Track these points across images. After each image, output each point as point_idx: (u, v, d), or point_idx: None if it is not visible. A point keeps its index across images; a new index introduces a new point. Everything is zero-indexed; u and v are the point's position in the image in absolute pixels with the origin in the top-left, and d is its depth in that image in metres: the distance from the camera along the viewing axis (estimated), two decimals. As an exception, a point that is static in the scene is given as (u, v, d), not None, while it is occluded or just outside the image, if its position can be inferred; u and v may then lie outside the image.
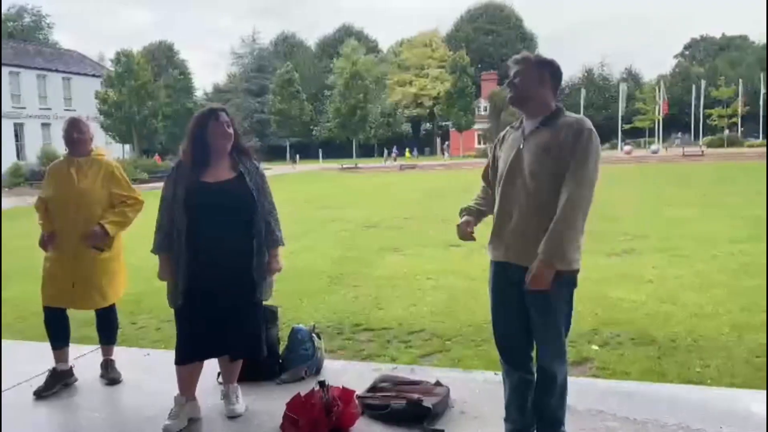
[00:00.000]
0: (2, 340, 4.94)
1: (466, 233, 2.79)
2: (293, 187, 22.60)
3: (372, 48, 73.90)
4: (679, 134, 50.63)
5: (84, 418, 3.50)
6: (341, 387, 3.13)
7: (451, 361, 4.27)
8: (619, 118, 49.81)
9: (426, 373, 3.74)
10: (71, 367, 3.88)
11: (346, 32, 73.40)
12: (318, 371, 3.83)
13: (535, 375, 2.72)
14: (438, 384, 3.40)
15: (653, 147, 44.94)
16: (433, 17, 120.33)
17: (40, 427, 3.41)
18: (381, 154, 59.97)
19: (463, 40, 67.18)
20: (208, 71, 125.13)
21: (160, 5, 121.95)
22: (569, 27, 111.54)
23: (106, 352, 3.97)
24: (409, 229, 11.56)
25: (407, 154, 57.86)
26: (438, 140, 64.39)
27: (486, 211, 2.86)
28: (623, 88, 52.29)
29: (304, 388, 3.19)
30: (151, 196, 3.87)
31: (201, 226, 3.11)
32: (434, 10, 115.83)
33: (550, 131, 2.56)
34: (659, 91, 49.51)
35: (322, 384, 3.09)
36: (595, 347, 4.45)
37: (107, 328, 3.95)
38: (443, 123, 61.93)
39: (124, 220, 3.77)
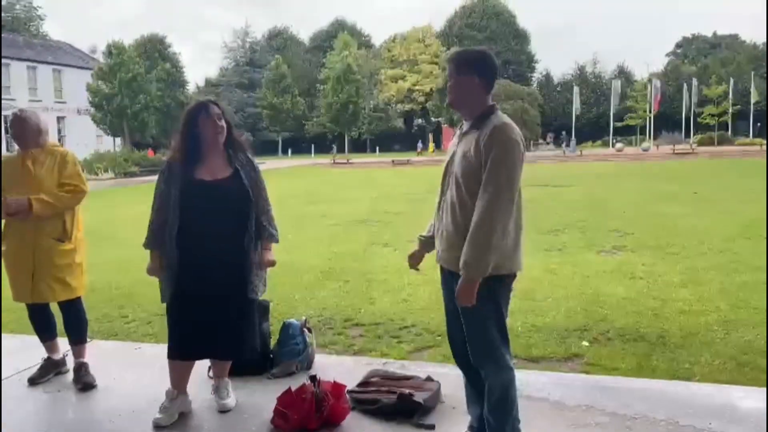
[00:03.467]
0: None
1: (412, 266, 2.92)
2: (284, 182, 22.54)
3: (365, 43, 73.71)
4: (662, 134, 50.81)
5: (74, 411, 3.49)
6: (332, 382, 3.13)
7: (442, 357, 4.27)
8: (611, 115, 49.97)
9: (417, 369, 3.75)
10: (64, 356, 3.88)
11: (339, 26, 73.15)
12: (309, 366, 3.83)
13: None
14: (429, 379, 3.41)
15: (644, 145, 45.16)
16: (427, 13, 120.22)
17: (32, 419, 3.39)
18: (373, 150, 59.92)
19: (456, 35, 67.10)
20: (199, 64, 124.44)
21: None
22: (562, 23, 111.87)
23: (78, 354, 3.80)
24: (400, 224, 11.55)
25: (430, 147, 56.46)
26: (431, 136, 64.34)
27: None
28: (615, 85, 52.44)
29: (295, 383, 3.19)
30: (142, 189, 3.85)
31: (196, 225, 3.08)
32: (428, 6, 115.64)
33: (475, 135, 2.46)
34: (651, 89, 49.71)
35: (313, 378, 3.09)
36: (585, 343, 4.47)
37: (74, 325, 3.80)
38: (435, 119, 61.91)
39: (55, 203, 3.55)
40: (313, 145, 56.82)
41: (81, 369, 3.75)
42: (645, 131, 51.12)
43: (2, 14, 58.05)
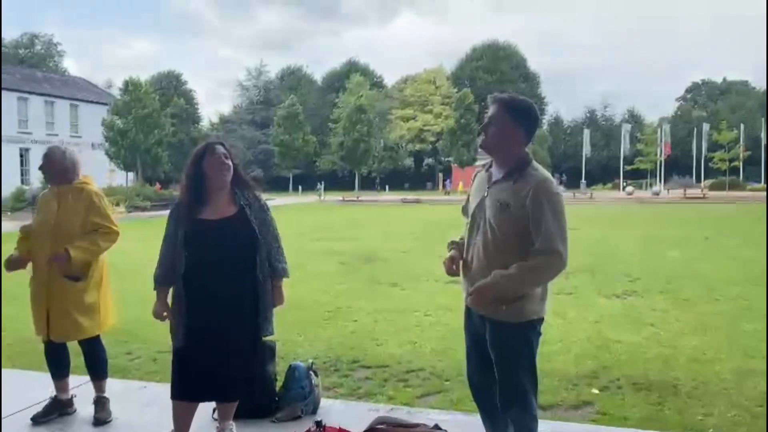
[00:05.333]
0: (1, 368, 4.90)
1: (450, 269, 2.76)
2: (294, 218, 22.61)
3: (377, 83, 74.83)
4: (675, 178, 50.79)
5: (75, 452, 3.44)
6: (338, 428, 3.08)
7: (449, 403, 4.21)
8: (621, 158, 50.12)
9: (424, 416, 3.69)
10: (72, 397, 3.85)
11: (352, 67, 74.44)
12: (315, 410, 3.78)
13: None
14: (437, 428, 3.35)
15: (655, 188, 45.11)
16: (438, 55, 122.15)
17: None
18: (383, 188, 60.15)
19: (466, 77, 68.06)
20: (213, 102, 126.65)
21: (168, 36, 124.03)
22: (572, 67, 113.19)
23: (97, 388, 3.83)
24: (408, 262, 11.52)
25: (460, 186, 56.34)
26: (440, 175, 64.63)
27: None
28: (626, 129, 52.74)
29: (300, 428, 3.15)
30: (151, 224, 3.88)
31: (202, 265, 3.07)
32: (439, 48, 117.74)
33: (512, 185, 2.51)
34: (661, 132, 49.93)
35: (318, 424, 3.05)
36: (595, 390, 4.39)
37: (92, 363, 3.82)
38: (445, 158, 62.29)
39: (92, 248, 3.61)
40: (323, 182, 57.21)
41: (98, 403, 3.77)
42: (655, 175, 51.13)
43: (23, 50, 59.65)
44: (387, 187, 59.91)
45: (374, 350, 5.54)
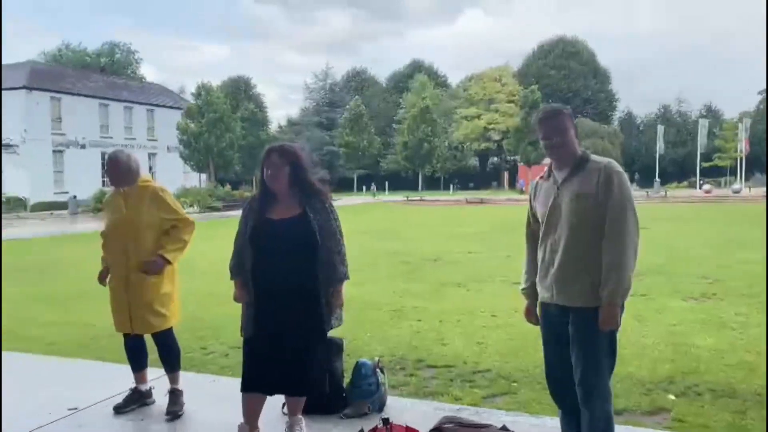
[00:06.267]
0: (83, 360, 5.20)
1: (531, 320, 3.03)
2: (358, 218, 22.82)
3: (441, 83, 74.53)
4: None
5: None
6: (405, 426, 3.09)
7: (517, 404, 4.14)
8: (698, 155, 47.90)
9: (491, 417, 3.65)
10: (150, 389, 4.02)
11: (416, 67, 74.42)
12: (381, 408, 3.80)
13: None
14: (504, 429, 3.30)
15: (735, 186, 42.86)
16: (503, 53, 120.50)
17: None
18: (447, 188, 59.87)
19: (533, 75, 66.76)
20: (282, 105, 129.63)
21: (238, 42, 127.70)
22: (645, 61, 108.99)
23: (172, 381, 3.97)
24: (474, 263, 11.42)
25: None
26: (506, 174, 63.67)
27: (534, 283, 3.01)
28: (703, 124, 50.37)
29: (367, 424, 3.17)
30: (224, 224, 4.00)
31: (265, 262, 3.19)
32: (504, 46, 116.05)
33: (581, 178, 2.73)
34: (742, 128, 47.37)
35: (386, 421, 3.06)
36: (671, 397, 4.22)
37: (166, 355, 3.96)
38: (511, 157, 61.34)
39: (182, 246, 3.85)
40: (387, 182, 57.47)
41: (172, 395, 3.91)
42: (735, 172, 48.57)
43: (104, 59, 62.87)
44: (451, 186, 59.55)
45: (440, 350, 5.52)
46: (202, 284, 8.51)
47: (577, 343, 2.74)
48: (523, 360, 5.15)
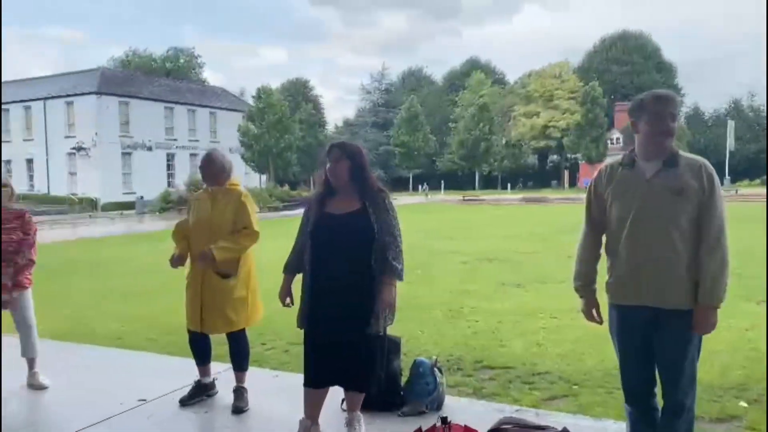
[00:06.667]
0: (150, 354, 5.41)
1: (593, 319, 2.89)
2: (414, 217, 22.79)
3: (498, 80, 73.58)
4: None
5: (217, 433, 3.72)
6: (463, 426, 3.07)
7: (578, 407, 4.05)
8: (772, 151, 45.54)
9: (552, 419, 3.58)
10: (213, 380, 4.15)
11: (473, 65, 73.74)
12: (439, 407, 3.80)
13: (659, 411, 2.76)
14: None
15: (814, 184, 40.49)
16: (563, 49, 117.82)
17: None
18: (504, 187, 59.11)
19: (594, 70, 65.05)
20: (339, 106, 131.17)
21: (296, 44, 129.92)
22: (713, 54, 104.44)
23: (238, 379, 4.07)
24: (533, 264, 11.23)
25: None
26: (566, 173, 62.20)
27: (594, 279, 2.90)
28: (777, 118, 47.85)
29: (425, 423, 3.17)
30: (283, 223, 4.08)
31: (324, 256, 3.26)
32: (564, 42, 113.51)
33: (676, 173, 2.59)
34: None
35: (444, 420, 3.05)
36: (743, 404, 4.03)
37: (236, 355, 4.06)
38: (572, 155, 59.92)
39: (235, 247, 3.84)
40: (443, 182, 57.18)
41: (237, 392, 4.01)
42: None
43: (168, 64, 65.13)
44: (509, 185, 58.70)
45: (498, 351, 5.46)
46: (262, 281, 8.70)
47: (668, 346, 2.65)
48: (584, 363, 5.03)
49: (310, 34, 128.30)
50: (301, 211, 3.57)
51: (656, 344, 2.67)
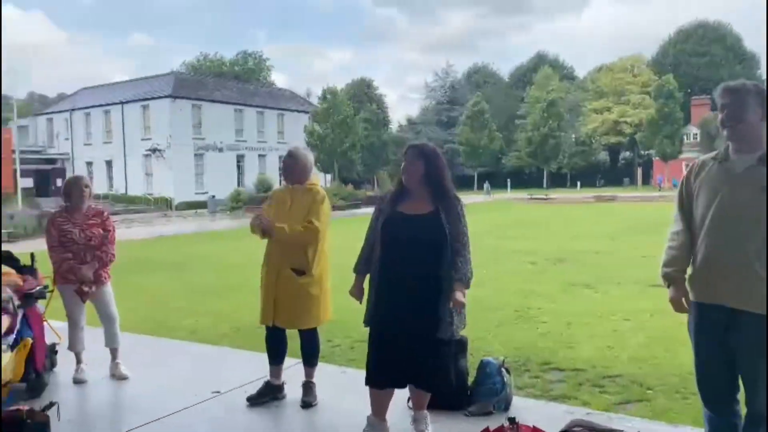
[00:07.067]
0: (223, 348, 5.60)
1: (682, 309, 2.67)
2: (480, 217, 22.57)
3: (567, 75, 71.84)
4: None
5: (283, 428, 3.84)
6: (532, 427, 3.02)
7: (651, 412, 3.91)
8: None
9: (626, 423, 3.47)
10: (282, 384, 4.17)
11: (540, 60, 72.27)
12: (507, 408, 3.75)
13: (742, 418, 2.62)
14: (639, 436, 3.13)
15: None
16: (634, 42, 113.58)
17: (246, 430, 3.76)
18: (574, 185, 57.61)
19: (670, 63, 62.42)
20: (403, 105, 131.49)
21: (361, 45, 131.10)
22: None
23: (307, 374, 4.13)
24: (604, 264, 10.90)
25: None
26: (639, 170, 60.00)
27: (686, 268, 2.71)
28: None
29: (492, 423, 3.13)
30: (347, 222, 4.13)
31: (393, 255, 3.26)
32: (635, 35, 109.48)
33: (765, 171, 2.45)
34: None
35: (512, 420, 3.01)
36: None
37: (307, 351, 4.11)
38: (645, 152, 57.75)
39: (290, 233, 3.83)
40: (509, 180, 56.32)
41: (306, 387, 4.08)
42: None
43: (237, 67, 67.08)
44: (578, 183, 57.19)
45: (567, 353, 5.34)
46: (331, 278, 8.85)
47: (747, 350, 2.51)
48: (658, 366, 4.85)
49: (375, 35, 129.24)
50: (365, 210, 3.60)
51: (735, 347, 2.54)
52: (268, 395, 4.11)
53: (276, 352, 4.13)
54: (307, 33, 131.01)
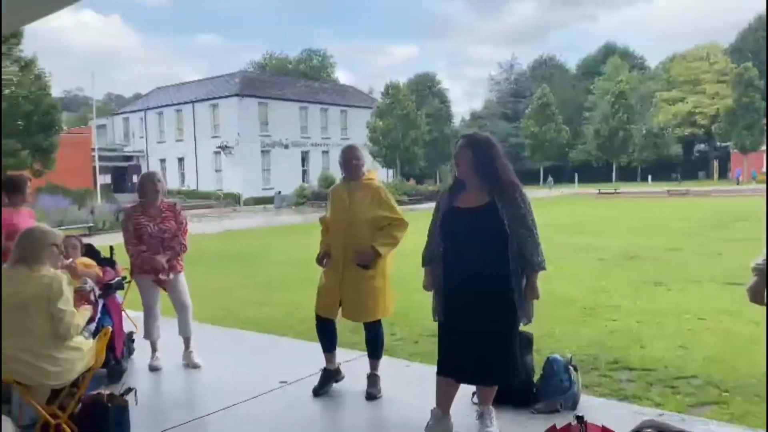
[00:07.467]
0: (289, 339, 5.73)
1: (758, 298, 2.59)
2: (547, 212, 22.10)
3: (637, 65, 69.25)
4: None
5: (348, 419, 3.90)
6: (601, 426, 2.94)
7: (728, 416, 3.74)
8: None
9: (701, 426, 3.34)
10: (339, 366, 4.28)
11: (609, 51, 69.95)
12: (574, 406, 3.67)
13: None
14: (715, 440, 3.00)
15: None
16: (709, 29, 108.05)
17: (312, 421, 3.84)
18: (645, 179, 55.50)
19: (749, 50, 59.07)
20: (467, 99, 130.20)
21: (425, 40, 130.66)
22: None
23: (372, 366, 4.18)
24: (677, 261, 10.48)
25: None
26: (715, 163, 57.15)
27: None
28: None
29: (559, 421, 3.08)
30: (409, 217, 4.15)
31: (452, 249, 3.26)
32: (710, 22, 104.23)
33: None
34: None
35: (580, 419, 2.94)
36: None
37: (372, 343, 4.17)
38: (722, 144, 54.97)
39: (393, 242, 3.99)
40: (576, 174, 54.82)
41: (371, 379, 4.13)
42: None
43: (302, 65, 68.12)
44: (650, 177, 55.05)
45: (637, 352, 5.17)
46: (392, 272, 8.90)
47: None
48: (735, 368, 4.63)
49: (439, 29, 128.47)
50: (427, 205, 3.61)
51: None
52: (329, 381, 4.20)
53: (329, 340, 4.21)
54: (370, 30, 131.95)
